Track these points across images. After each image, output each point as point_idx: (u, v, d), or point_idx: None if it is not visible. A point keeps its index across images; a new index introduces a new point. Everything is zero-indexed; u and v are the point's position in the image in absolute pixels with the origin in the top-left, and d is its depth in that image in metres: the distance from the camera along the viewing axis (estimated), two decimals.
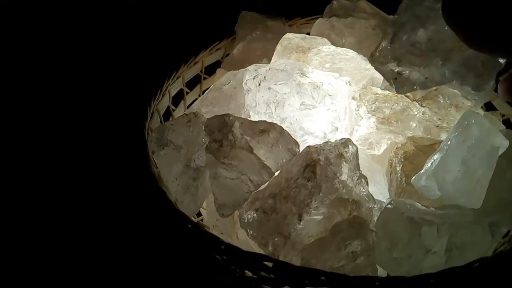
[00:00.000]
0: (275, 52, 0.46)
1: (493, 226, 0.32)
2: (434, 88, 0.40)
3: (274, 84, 0.39)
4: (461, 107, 0.40)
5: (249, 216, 0.31)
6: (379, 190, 0.39)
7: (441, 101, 0.40)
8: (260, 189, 0.33)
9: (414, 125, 0.41)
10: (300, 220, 0.30)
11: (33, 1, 0.68)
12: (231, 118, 0.33)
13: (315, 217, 0.30)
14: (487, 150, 0.33)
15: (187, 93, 0.50)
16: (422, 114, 0.40)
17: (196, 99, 0.50)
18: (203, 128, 0.35)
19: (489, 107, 0.48)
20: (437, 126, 0.39)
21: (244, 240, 0.36)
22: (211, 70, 0.53)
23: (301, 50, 0.45)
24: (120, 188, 0.47)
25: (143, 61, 0.60)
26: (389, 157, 0.41)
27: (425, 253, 0.29)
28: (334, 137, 0.39)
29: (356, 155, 0.33)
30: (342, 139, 0.33)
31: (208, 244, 0.31)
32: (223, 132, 0.33)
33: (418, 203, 0.33)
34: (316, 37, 0.46)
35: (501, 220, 0.33)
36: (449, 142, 0.33)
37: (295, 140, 0.35)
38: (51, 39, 0.66)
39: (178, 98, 0.50)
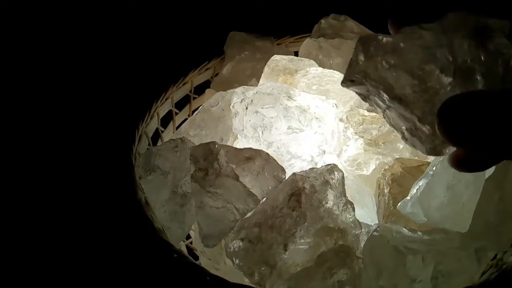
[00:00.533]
0: (262, 74, 0.46)
1: (479, 252, 0.32)
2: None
3: (261, 107, 0.40)
4: None
5: (235, 245, 0.31)
6: (367, 213, 0.39)
7: None
8: (246, 217, 0.33)
9: (401, 146, 0.41)
10: (285, 250, 0.30)
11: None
12: (216, 146, 0.33)
13: (300, 246, 0.30)
14: (473, 174, 0.33)
15: (176, 113, 0.50)
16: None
17: (186, 119, 0.50)
18: (190, 154, 0.35)
19: None
20: None
21: (231, 267, 0.36)
22: (200, 90, 0.53)
23: (288, 72, 0.45)
24: (107, 213, 0.46)
25: (132, 82, 0.60)
26: (377, 178, 0.41)
27: (411, 282, 0.29)
28: (321, 160, 0.39)
29: (342, 181, 0.33)
30: (328, 165, 0.33)
31: (193, 275, 0.31)
32: (209, 161, 0.33)
33: (404, 229, 0.33)
34: (303, 59, 0.46)
35: (488, 245, 0.33)
36: (434, 168, 0.33)
37: (281, 167, 0.35)
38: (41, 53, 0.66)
39: (167, 119, 0.50)
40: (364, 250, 0.33)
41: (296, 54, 0.52)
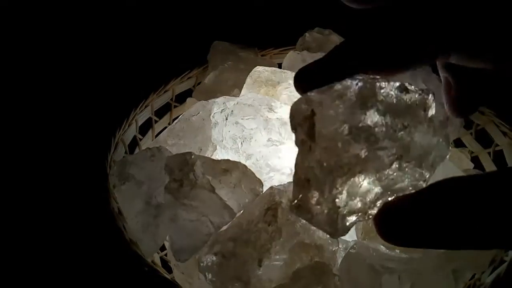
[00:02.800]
0: (244, 85, 0.45)
1: (457, 272, 0.32)
2: None
3: (241, 118, 0.39)
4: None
5: (208, 260, 0.30)
6: None
7: None
8: (221, 230, 0.32)
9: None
10: (260, 265, 0.29)
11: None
12: (192, 156, 0.33)
13: (275, 262, 0.29)
14: None
15: (156, 121, 0.49)
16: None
17: (166, 127, 0.49)
18: (165, 164, 0.34)
19: (458, 143, 0.48)
20: None
21: (205, 282, 0.35)
22: (182, 98, 0.52)
23: (270, 83, 0.44)
24: (79, 223, 0.45)
25: (113, 89, 0.59)
26: None
27: None
28: None
29: None
30: None
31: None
32: (184, 171, 0.32)
33: (382, 247, 0.33)
34: (286, 71, 0.45)
35: (465, 265, 0.33)
36: None
37: (259, 180, 0.34)
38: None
39: (147, 127, 0.49)
40: (341, 267, 0.32)
41: (280, 66, 0.52)
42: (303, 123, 0.20)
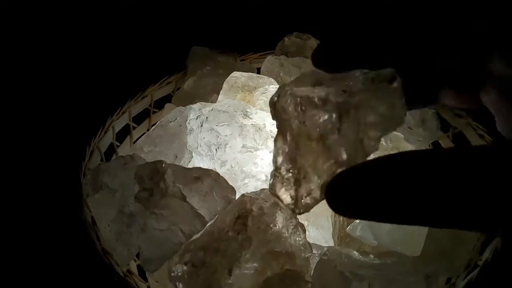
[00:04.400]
0: (221, 90, 0.45)
1: (430, 277, 0.32)
2: None
3: (216, 125, 0.39)
4: (404, 149, 0.40)
5: (179, 270, 0.30)
6: (322, 235, 0.39)
7: (384, 144, 0.40)
8: (192, 239, 0.32)
9: None
10: (230, 274, 0.29)
11: None
12: (163, 165, 0.32)
13: (246, 271, 0.29)
14: None
15: (134, 128, 0.49)
16: None
17: (144, 133, 0.49)
18: (135, 173, 0.34)
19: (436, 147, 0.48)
20: None
21: None
22: (161, 104, 0.52)
23: (247, 89, 0.44)
24: (52, 231, 0.44)
25: (91, 94, 0.58)
26: None
27: None
28: None
29: None
30: None
31: None
32: (154, 180, 0.32)
33: (355, 252, 0.33)
34: (263, 76, 0.45)
35: (439, 270, 0.33)
36: None
37: (232, 187, 0.34)
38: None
39: (126, 134, 0.48)
40: (314, 274, 0.32)
41: (259, 70, 0.52)
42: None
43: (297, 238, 0.32)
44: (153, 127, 0.45)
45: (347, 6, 0.63)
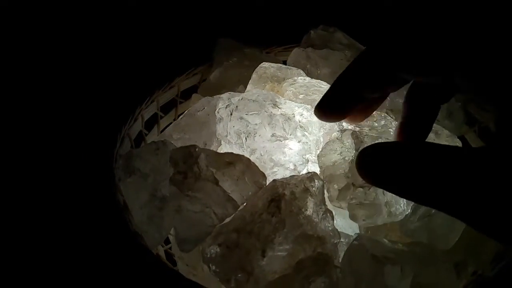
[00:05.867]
0: (250, 80, 0.45)
1: (459, 266, 0.32)
2: None
3: (246, 114, 0.39)
4: (440, 134, 0.41)
5: (212, 251, 0.30)
6: (349, 224, 0.39)
7: None
8: (224, 222, 0.32)
9: None
10: (263, 256, 0.30)
11: None
12: (197, 149, 0.33)
13: (279, 253, 0.30)
14: None
15: (161, 117, 0.50)
16: None
17: (171, 123, 0.50)
18: (169, 157, 0.35)
19: (462, 141, 0.48)
20: None
21: (209, 273, 0.35)
22: (187, 95, 0.52)
23: (276, 80, 0.45)
24: (86, 215, 0.46)
25: (119, 86, 0.60)
26: None
27: None
28: (304, 169, 0.39)
29: (322, 189, 0.33)
30: (308, 173, 0.33)
31: (168, 279, 0.30)
32: (188, 164, 0.32)
33: (385, 240, 0.33)
34: (292, 67, 0.46)
35: (468, 260, 0.33)
36: None
37: (262, 173, 0.34)
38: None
39: (153, 122, 0.49)
40: (343, 259, 0.32)
41: (284, 63, 0.52)
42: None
43: (327, 224, 0.32)
44: (180, 116, 0.46)
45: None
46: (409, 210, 0.34)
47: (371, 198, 0.33)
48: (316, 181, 0.32)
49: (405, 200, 0.33)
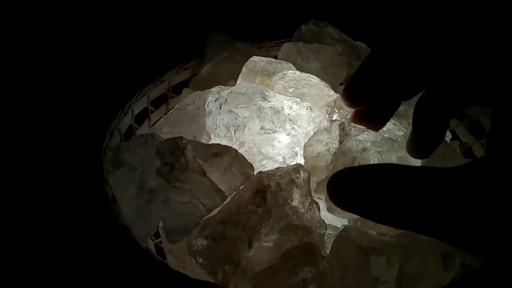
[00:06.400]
0: (240, 75, 0.46)
1: (446, 257, 0.32)
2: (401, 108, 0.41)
3: (235, 107, 0.39)
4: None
5: (199, 244, 0.30)
6: (337, 217, 0.39)
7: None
8: (210, 215, 0.32)
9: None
10: (250, 247, 0.30)
11: None
12: (183, 141, 0.33)
13: (265, 244, 0.30)
14: None
15: (152, 111, 0.50)
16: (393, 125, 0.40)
17: (162, 117, 0.49)
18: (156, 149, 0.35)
19: (452, 135, 0.48)
20: None
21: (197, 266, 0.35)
22: (178, 89, 0.52)
23: (266, 73, 0.45)
24: (75, 208, 0.45)
25: (109, 80, 0.60)
26: None
27: (374, 282, 0.29)
28: (293, 162, 0.39)
29: (307, 181, 0.33)
30: (294, 165, 0.33)
31: (155, 271, 0.30)
32: (175, 155, 0.32)
33: (372, 231, 0.33)
34: (282, 61, 0.46)
35: (455, 251, 0.33)
36: None
37: (250, 164, 0.34)
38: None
39: (144, 117, 0.49)
40: (331, 250, 0.32)
41: (276, 58, 0.52)
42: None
43: (313, 215, 0.32)
44: (171, 111, 0.46)
45: None
46: None
47: None
48: (301, 172, 0.32)
49: None
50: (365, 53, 0.50)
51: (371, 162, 0.34)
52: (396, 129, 0.41)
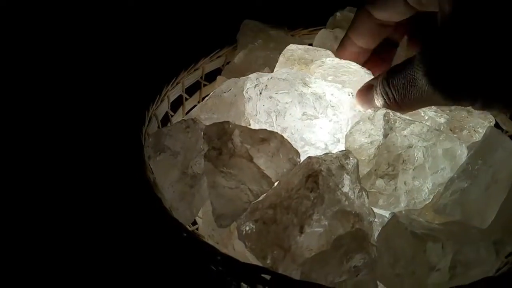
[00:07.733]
0: (277, 63, 0.45)
1: (498, 244, 0.32)
2: None
3: (276, 93, 0.39)
4: (472, 112, 0.40)
5: (248, 228, 0.30)
6: None
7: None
8: (258, 199, 0.32)
9: None
10: (301, 232, 0.29)
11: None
12: (230, 126, 0.33)
13: (316, 229, 0.29)
14: (509, 174, 0.33)
15: (186, 99, 0.50)
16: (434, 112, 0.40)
17: (195, 105, 0.49)
18: (202, 135, 0.34)
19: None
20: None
21: (240, 252, 0.35)
22: (211, 77, 0.52)
23: (303, 62, 0.44)
24: (116, 194, 0.46)
25: (143, 67, 0.60)
26: None
27: (429, 270, 0.28)
28: (335, 149, 0.38)
29: (356, 167, 0.32)
30: (343, 150, 0.32)
31: (203, 254, 0.30)
32: (223, 140, 0.32)
33: (420, 219, 0.33)
34: (320, 49, 0.45)
35: (506, 239, 0.33)
36: (476, 167, 0.32)
37: (296, 150, 0.34)
38: (49, 41, 0.66)
39: (177, 104, 0.49)
40: (380, 238, 0.32)
41: (310, 45, 0.52)
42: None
43: (362, 202, 0.32)
44: (206, 98, 0.45)
45: None
46: (430, 198, 0.34)
47: (391, 189, 0.33)
48: (351, 158, 0.32)
49: (428, 188, 0.33)
50: None
51: (416, 159, 0.34)
52: (438, 115, 0.40)
